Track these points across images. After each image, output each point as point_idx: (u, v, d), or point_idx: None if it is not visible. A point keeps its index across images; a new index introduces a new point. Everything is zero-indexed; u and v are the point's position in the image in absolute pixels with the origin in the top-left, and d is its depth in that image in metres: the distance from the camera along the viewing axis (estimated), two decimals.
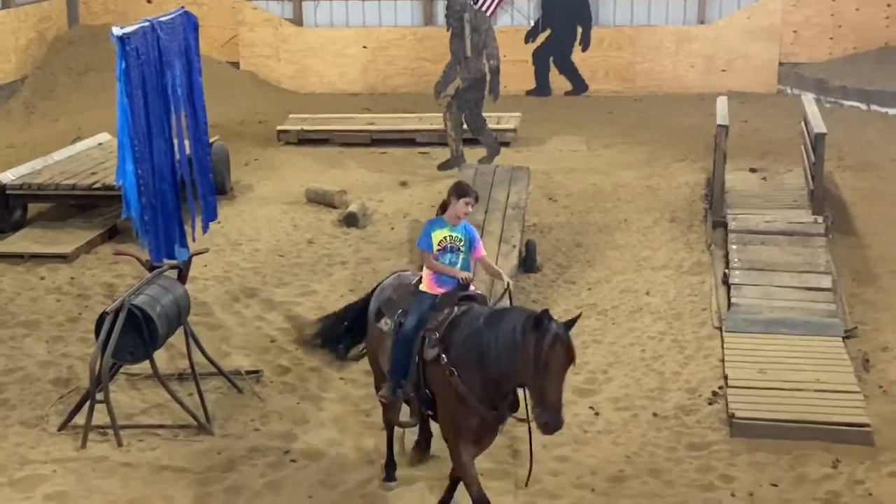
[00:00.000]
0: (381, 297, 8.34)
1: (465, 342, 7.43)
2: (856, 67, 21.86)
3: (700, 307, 12.11)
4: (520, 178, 14.71)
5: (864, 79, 21.26)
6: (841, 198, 15.54)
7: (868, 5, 22.35)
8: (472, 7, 17.33)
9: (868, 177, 16.63)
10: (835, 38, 22.52)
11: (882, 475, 8.74)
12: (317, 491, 8.64)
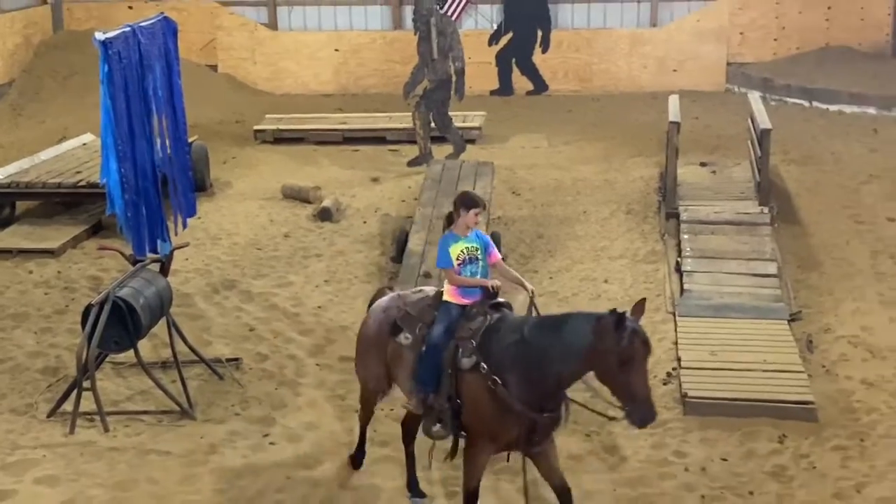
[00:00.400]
0: (389, 314, 7.77)
1: (511, 349, 7.05)
2: (798, 67, 21.98)
3: (655, 293, 12.12)
4: (485, 173, 14.72)
5: (806, 78, 21.39)
6: (785, 189, 15.61)
7: (809, 8, 22.49)
8: (438, 12, 17.32)
9: (811, 170, 16.71)
10: (779, 40, 22.64)
11: (825, 449, 8.81)
12: (295, 472, 8.61)
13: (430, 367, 7.40)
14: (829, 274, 12.63)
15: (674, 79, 22.33)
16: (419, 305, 7.71)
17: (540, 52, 22.86)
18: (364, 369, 8.15)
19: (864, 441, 8.91)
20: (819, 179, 16.23)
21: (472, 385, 7.16)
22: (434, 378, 7.37)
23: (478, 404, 7.16)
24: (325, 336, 11.15)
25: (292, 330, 11.27)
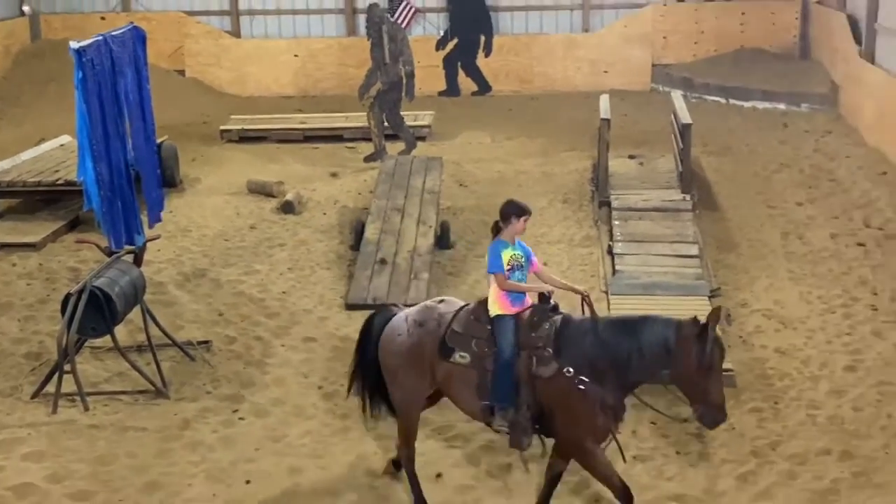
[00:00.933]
0: (428, 328, 7.16)
1: (589, 351, 6.72)
2: (716, 67, 22.12)
3: (589, 274, 12.22)
4: (434, 168, 14.72)
5: (723, 77, 21.53)
6: (705, 178, 15.76)
7: (725, 14, 22.69)
8: (388, 19, 17.31)
9: (728, 160, 16.87)
10: (698, 43, 22.80)
11: (743, 411, 8.94)
12: (263, 444, 8.61)
13: (506, 382, 6.84)
14: (744, 254, 12.79)
15: (604, 79, 22.42)
16: (463, 321, 7.10)
17: (483, 56, 22.87)
18: (403, 387, 7.32)
19: (777, 404, 9.06)
20: (735, 169, 16.40)
21: (560, 390, 6.76)
22: (512, 393, 6.85)
23: (571, 408, 6.77)
24: (290, 319, 11.10)
25: (259, 314, 11.20)
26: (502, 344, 6.86)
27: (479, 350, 6.94)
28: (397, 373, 7.29)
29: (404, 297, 11.43)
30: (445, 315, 7.17)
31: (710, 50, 22.75)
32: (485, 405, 6.98)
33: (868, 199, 14.57)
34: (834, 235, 13.25)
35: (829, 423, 8.69)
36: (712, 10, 22.72)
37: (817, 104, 20.10)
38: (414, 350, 7.16)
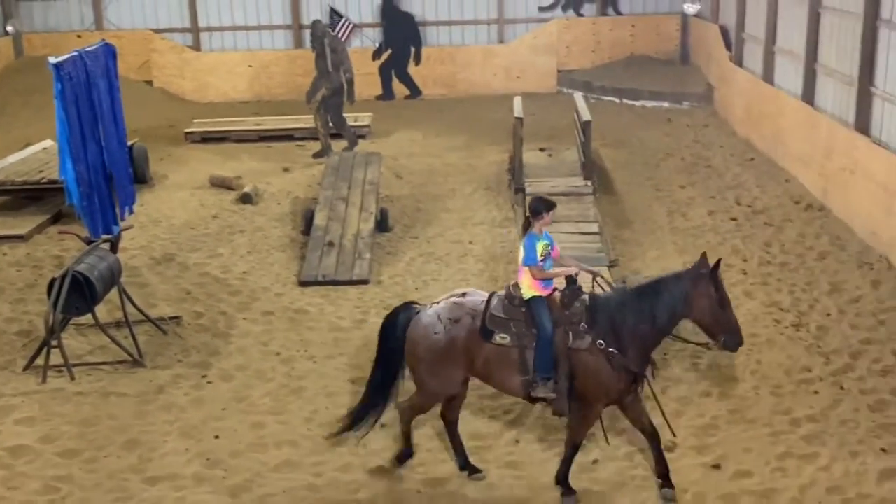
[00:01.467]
0: (464, 323, 6.82)
1: (619, 321, 6.61)
2: (611, 72, 22.31)
3: (508, 251, 12.26)
4: (373, 162, 14.65)
5: (617, 80, 21.71)
6: (603, 167, 15.92)
7: (618, 27, 22.89)
8: (330, 34, 17.18)
9: (622, 151, 17.04)
10: (595, 51, 22.96)
11: None
12: (229, 404, 8.54)
13: (547, 357, 6.67)
14: (637, 230, 12.95)
15: (517, 84, 22.47)
16: (499, 306, 6.83)
17: (414, 64, 22.79)
18: (434, 377, 6.98)
19: (666, 355, 9.12)
20: (628, 158, 16.57)
21: (590, 360, 6.65)
22: (552, 365, 6.69)
23: (597, 375, 6.67)
24: (250, 295, 10.99)
25: (222, 292, 11.08)
26: (543, 322, 6.67)
27: (518, 330, 6.73)
28: (433, 367, 6.92)
29: (350, 275, 11.43)
30: (476, 307, 6.90)
31: (605, 57, 22.91)
32: (525, 380, 6.76)
33: (738, 182, 14.87)
34: (711, 212, 13.47)
35: (709, 370, 8.86)
36: (607, 23, 22.89)
37: (696, 102, 20.40)
38: (451, 345, 6.83)
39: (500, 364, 6.82)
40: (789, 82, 15.96)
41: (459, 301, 7.00)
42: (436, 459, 7.56)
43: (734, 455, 7.43)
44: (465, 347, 6.83)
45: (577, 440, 6.97)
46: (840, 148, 13.04)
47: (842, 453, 7.38)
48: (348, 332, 9.99)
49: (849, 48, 13.42)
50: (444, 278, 11.44)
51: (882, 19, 12.45)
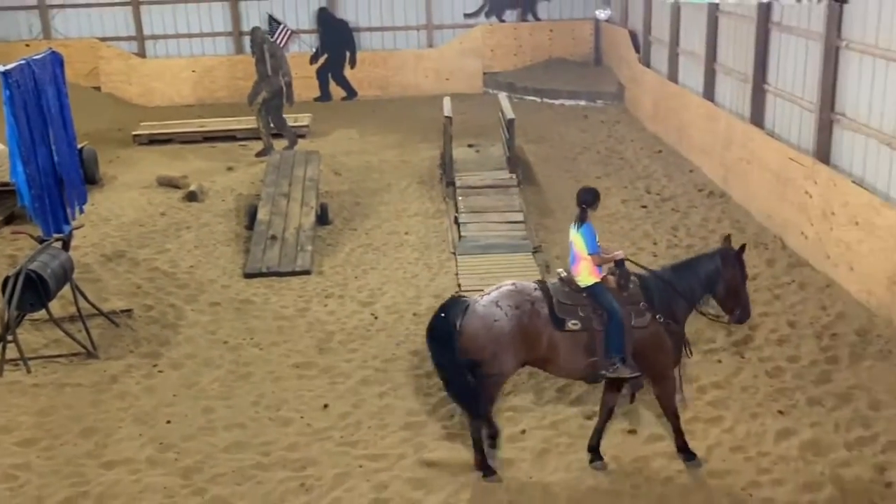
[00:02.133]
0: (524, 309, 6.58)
1: (666, 296, 6.68)
2: (532, 73, 22.42)
3: (441, 240, 12.31)
4: (313, 160, 14.50)
5: (537, 81, 21.80)
6: (527, 161, 16.01)
7: (538, 31, 23.03)
8: (269, 40, 16.92)
9: (543, 147, 17.15)
10: (518, 54, 23.07)
11: None
12: (180, 391, 8.42)
13: (622, 337, 6.62)
14: (558, 218, 13.01)
15: (446, 85, 22.44)
16: (563, 294, 6.69)
17: (349, 67, 22.59)
18: (501, 364, 6.66)
19: None
20: (549, 153, 16.69)
21: (653, 334, 6.67)
22: (623, 342, 6.64)
23: (662, 347, 6.71)
24: (198, 288, 10.82)
25: (171, 285, 10.88)
26: (613, 305, 6.62)
27: (586, 315, 6.61)
28: (497, 353, 6.61)
29: (293, 266, 11.32)
30: (532, 294, 6.69)
31: (526, 60, 23.02)
32: (591, 361, 6.66)
33: (648, 172, 15.11)
34: (624, 201, 13.67)
35: None
36: (527, 28, 23.02)
37: (609, 100, 20.62)
38: (517, 330, 6.57)
39: (568, 349, 6.65)
40: (692, 81, 16.28)
41: (515, 289, 6.73)
42: (375, 437, 7.57)
43: (647, 420, 7.59)
44: (530, 333, 6.58)
45: (673, 407, 6.93)
46: (738, 140, 13.36)
47: (743, 416, 7.59)
48: (292, 321, 9.91)
49: (744, 49, 13.74)
50: (382, 267, 11.42)
51: (773, 22, 12.78)
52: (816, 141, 11.22)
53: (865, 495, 6.48)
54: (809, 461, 6.92)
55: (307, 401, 8.14)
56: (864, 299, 9.49)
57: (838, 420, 7.41)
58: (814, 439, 7.18)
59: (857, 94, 10.46)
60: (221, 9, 22.34)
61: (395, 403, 8.05)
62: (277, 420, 7.84)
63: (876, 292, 9.28)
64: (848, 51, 10.61)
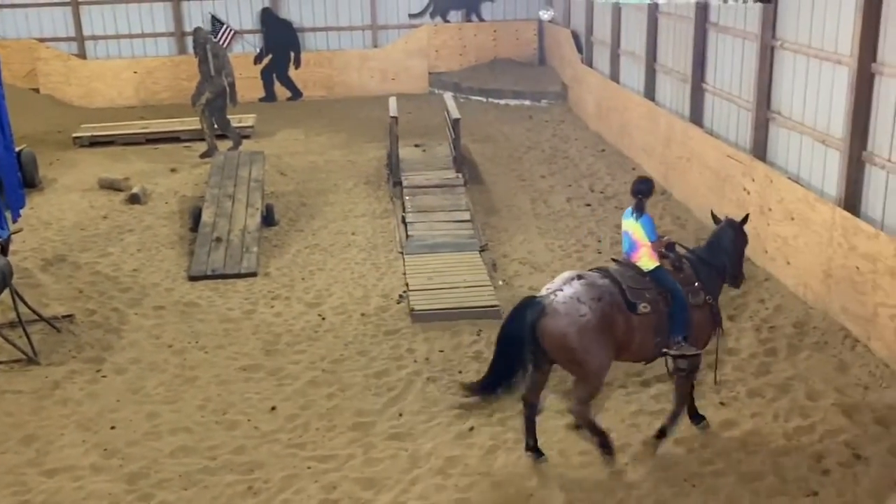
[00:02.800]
0: (606, 300, 6.63)
1: (709, 274, 7.12)
2: (477, 74, 22.47)
3: (388, 240, 12.27)
4: (258, 160, 14.34)
5: (483, 81, 21.87)
6: (473, 160, 16.04)
7: (482, 32, 23.10)
8: (212, 40, 16.65)
9: (489, 146, 17.22)
10: (462, 55, 23.12)
11: None
12: (124, 396, 8.24)
13: (684, 315, 6.86)
14: (504, 217, 13.13)
15: (392, 85, 22.41)
16: (630, 279, 6.86)
17: (294, 68, 22.38)
18: (598, 356, 6.66)
19: None
20: (495, 152, 16.76)
21: (703, 313, 7.02)
22: (687, 322, 6.89)
23: (707, 327, 7.07)
24: (141, 292, 10.61)
25: (114, 289, 10.65)
26: (676, 287, 6.91)
27: (653, 297, 6.83)
28: (591, 346, 6.60)
29: (238, 268, 11.17)
30: (605, 283, 6.78)
31: (471, 60, 23.07)
32: (658, 341, 6.89)
33: (592, 171, 15.27)
34: (569, 199, 13.79)
35: None
36: (472, 29, 23.07)
37: (553, 100, 20.79)
38: (602, 321, 6.61)
39: (641, 331, 6.82)
40: (633, 81, 16.49)
41: (587, 282, 6.76)
42: (323, 438, 7.51)
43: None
44: (614, 321, 6.69)
45: (691, 385, 7.26)
46: (678, 138, 13.58)
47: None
48: (238, 323, 9.78)
49: (683, 49, 13.97)
50: (329, 268, 11.33)
51: (711, 23, 13.01)
52: (753, 139, 11.46)
53: (804, 483, 6.63)
54: (751, 451, 7.05)
55: (254, 403, 8.04)
56: (801, 292, 9.72)
57: (777, 410, 7.57)
58: (754, 430, 7.33)
59: (792, 92, 10.71)
60: (163, 9, 21.93)
61: (344, 404, 7.99)
62: (224, 423, 7.72)
63: (812, 285, 9.51)
64: (782, 50, 10.85)
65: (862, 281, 8.52)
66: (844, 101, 9.40)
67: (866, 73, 8.99)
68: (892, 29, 8.68)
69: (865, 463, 6.79)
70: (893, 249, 8.02)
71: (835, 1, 9.66)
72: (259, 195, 13.06)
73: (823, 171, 10.02)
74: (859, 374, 8.07)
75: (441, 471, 6.97)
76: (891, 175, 8.80)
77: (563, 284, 6.78)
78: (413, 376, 8.46)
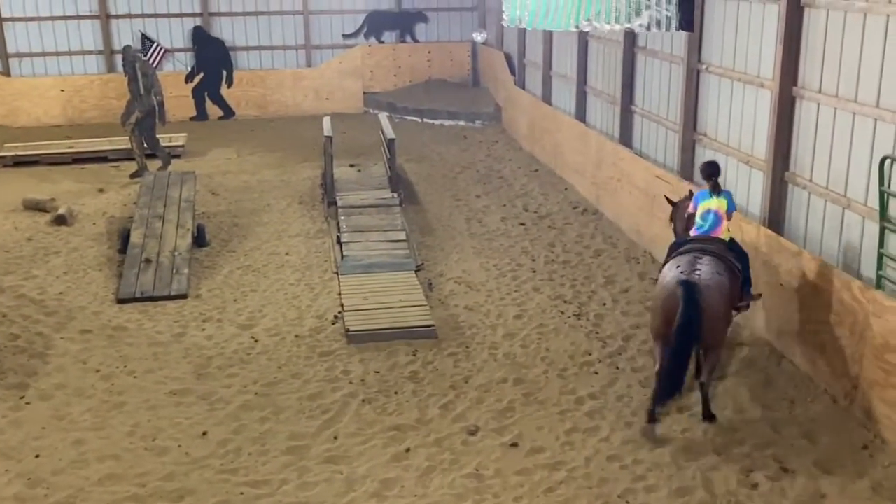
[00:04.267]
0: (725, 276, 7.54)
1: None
2: (412, 94, 22.56)
3: (323, 260, 12.16)
4: (189, 180, 14.08)
5: (417, 101, 21.97)
6: (408, 180, 16.05)
7: (416, 53, 23.20)
8: (141, 58, 16.35)
9: (424, 166, 17.26)
10: (397, 75, 23.18)
11: (443, 356, 9.20)
12: (49, 423, 7.94)
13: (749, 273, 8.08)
14: (440, 236, 13.14)
15: (326, 105, 22.35)
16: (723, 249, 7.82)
17: (226, 87, 22.13)
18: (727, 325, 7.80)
19: (468, 348, 9.40)
20: (430, 172, 16.80)
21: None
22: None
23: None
24: (67, 315, 10.26)
25: (39, 313, 10.26)
26: (744, 250, 8.12)
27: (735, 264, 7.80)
28: (729, 314, 7.71)
29: (168, 290, 10.92)
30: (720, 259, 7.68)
31: (406, 80, 23.16)
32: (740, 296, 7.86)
33: (526, 191, 15.42)
34: (503, 219, 13.88)
35: (505, 359, 9.12)
36: (406, 49, 23.16)
37: (487, 121, 20.97)
38: (733, 290, 7.66)
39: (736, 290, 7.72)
40: (564, 102, 16.76)
41: (712, 258, 7.61)
42: (256, 463, 7.35)
43: (529, 433, 7.68)
44: (735, 288, 7.68)
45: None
46: (608, 159, 13.82)
47: (619, 425, 7.79)
48: (167, 346, 9.54)
49: (612, 72, 14.26)
50: (262, 289, 11.16)
51: (639, 47, 13.32)
52: (681, 159, 11.73)
53: (734, 497, 6.75)
54: (682, 466, 7.15)
55: (185, 429, 7.83)
56: None
57: (707, 426, 7.70)
58: (685, 445, 7.44)
59: (717, 114, 11.02)
60: (91, 26, 21.45)
61: (277, 428, 7.85)
62: (153, 450, 7.50)
63: None
64: (707, 74, 11.16)
65: (787, 298, 8.77)
66: (767, 123, 9.70)
67: (788, 96, 9.31)
68: (812, 54, 9.02)
69: (792, 476, 6.96)
70: (815, 267, 8.28)
71: (757, 27, 9.99)
72: (190, 215, 12.81)
73: (748, 191, 10.31)
74: (785, 388, 8.28)
75: (377, 493, 6.89)
76: (812, 195, 9.10)
77: (695, 264, 7.51)
78: (348, 398, 8.36)
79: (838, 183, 8.68)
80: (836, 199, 8.69)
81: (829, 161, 8.81)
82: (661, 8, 9.77)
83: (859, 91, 8.32)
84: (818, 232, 9.01)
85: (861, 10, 8.20)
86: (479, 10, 23.09)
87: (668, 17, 9.72)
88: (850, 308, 7.70)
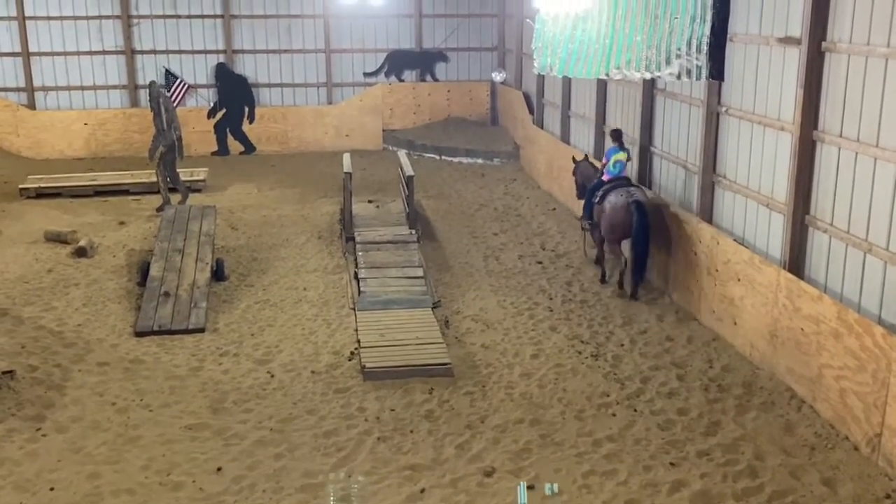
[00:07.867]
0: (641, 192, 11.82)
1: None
2: (431, 132, 22.70)
3: (340, 295, 12.18)
4: (209, 214, 14.20)
5: (436, 139, 22.10)
6: (426, 217, 16.12)
7: (436, 92, 23.41)
8: (164, 93, 16.64)
9: (442, 203, 17.33)
10: (416, 113, 23.37)
11: (459, 395, 9.16)
12: (65, 455, 7.95)
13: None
14: (457, 274, 13.15)
15: (346, 141, 22.55)
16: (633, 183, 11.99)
17: (248, 123, 22.40)
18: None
19: (485, 387, 9.35)
20: (448, 209, 16.86)
21: None
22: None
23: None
24: (85, 347, 10.31)
25: (57, 345, 10.33)
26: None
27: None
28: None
29: (186, 324, 10.96)
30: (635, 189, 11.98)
31: (425, 119, 23.34)
32: None
33: (543, 229, 15.44)
34: (521, 256, 13.90)
35: (522, 399, 9.06)
36: (426, 88, 23.39)
37: (505, 159, 21.06)
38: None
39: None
40: (583, 142, 16.81)
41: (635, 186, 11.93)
42: (270, 500, 7.31)
43: (546, 475, 7.60)
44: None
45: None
46: None
47: (637, 469, 7.70)
48: (184, 380, 9.55)
49: (631, 113, 14.31)
50: (279, 324, 11.18)
51: (658, 89, 13.38)
52: (700, 201, 11.72)
53: None
54: None
55: (200, 464, 7.81)
56: (748, 352, 9.87)
57: (726, 471, 7.60)
58: (704, 490, 7.34)
59: (737, 156, 11.02)
60: (116, 61, 21.85)
61: (292, 465, 7.81)
62: (168, 485, 7.48)
63: (758, 346, 9.66)
64: (728, 116, 11.19)
65: (807, 342, 8.69)
66: (788, 166, 9.70)
67: (808, 139, 9.31)
68: (833, 98, 9.03)
69: None
70: (836, 311, 8.20)
71: (777, 70, 10.03)
72: (209, 249, 12.91)
73: (768, 234, 10.27)
74: (805, 434, 8.17)
75: None
76: (833, 239, 9.06)
77: (631, 191, 11.59)
78: (363, 435, 8.32)
79: (859, 227, 8.64)
80: (857, 244, 8.65)
81: (850, 205, 8.78)
82: (692, 57, 9.77)
83: (881, 135, 8.31)
84: (839, 276, 8.95)
85: (883, 55, 8.22)
86: (498, 50, 23.32)
87: (699, 66, 9.71)
88: (873, 354, 7.62)
